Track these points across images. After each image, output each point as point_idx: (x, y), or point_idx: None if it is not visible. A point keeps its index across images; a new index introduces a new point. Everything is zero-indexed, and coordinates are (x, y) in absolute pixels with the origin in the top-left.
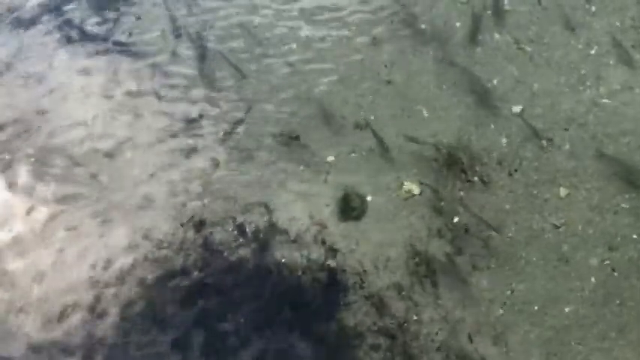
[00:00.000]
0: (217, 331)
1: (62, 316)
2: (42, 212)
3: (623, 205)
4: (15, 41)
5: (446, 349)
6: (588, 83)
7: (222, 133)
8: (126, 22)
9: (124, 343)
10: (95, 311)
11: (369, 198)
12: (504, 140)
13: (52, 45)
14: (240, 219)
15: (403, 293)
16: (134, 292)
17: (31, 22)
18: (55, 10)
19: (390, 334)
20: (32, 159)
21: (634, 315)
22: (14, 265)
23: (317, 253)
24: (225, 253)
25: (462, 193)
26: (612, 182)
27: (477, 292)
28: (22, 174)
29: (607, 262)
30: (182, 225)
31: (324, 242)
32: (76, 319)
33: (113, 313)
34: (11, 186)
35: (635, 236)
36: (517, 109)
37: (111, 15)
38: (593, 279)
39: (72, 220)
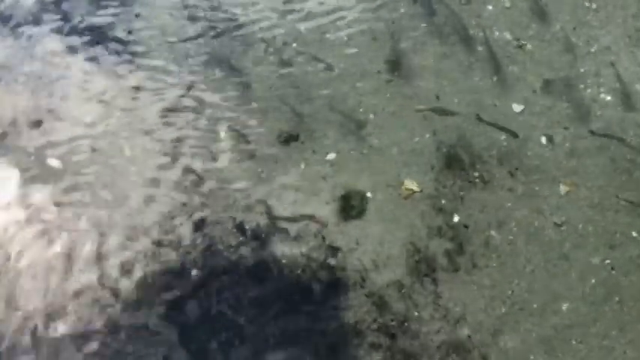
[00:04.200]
0: (217, 331)
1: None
2: (40, 212)
3: (624, 204)
4: (13, 40)
5: (446, 348)
6: (589, 81)
7: (221, 133)
8: (125, 20)
9: (121, 341)
10: (91, 310)
11: (369, 196)
12: (505, 138)
13: (52, 43)
14: (240, 217)
15: (403, 292)
16: (131, 292)
17: (31, 21)
18: (54, 8)
19: (391, 332)
20: (32, 157)
21: (634, 313)
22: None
23: (317, 252)
24: (225, 252)
25: (462, 192)
26: (613, 180)
27: (478, 291)
28: (22, 174)
29: (607, 260)
30: (181, 224)
31: (324, 240)
32: (70, 319)
33: (112, 312)
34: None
35: (635, 235)
36: (518, 107)
37: (110, 12)
38: (593, 277)
39: (70, 219)
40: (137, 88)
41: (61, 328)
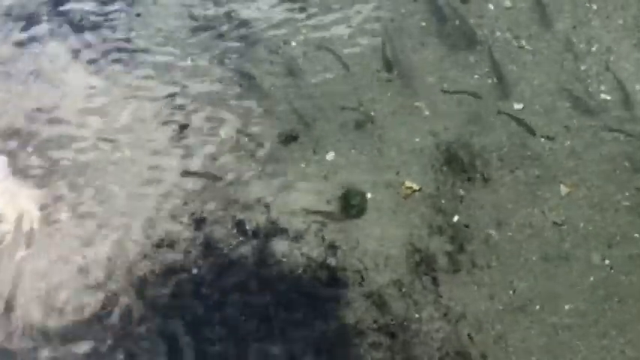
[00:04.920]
0: (217, 330)
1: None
2: (39, 211)
3: (624, 203)
4: (14, 39)
5: (446, 347)
6: (589, 80)
7: (222, 132)
8: (125, 19)
9: (123, 340)
10: (93, 310)
11: (369, 195)
12: (505, 138)
13: (51, 42)
14: (240, 217)
15: (404, 291)
16: (133, 291)
17: (30, 19)
18: (55, 7)
19: (391, 332)
20: (32, 156)
21: (634, 313)
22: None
23: (317, 251)
24: (226, 251)
25: (462, 191)
26: (613, 180)
27: (478, 290)
28: (21, 172)
29: (607, 260)
30: (182, 223)
31: (324, 240)
32: (71, 319)
33: (112, 311)
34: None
35: (635, 234)
36: (518, 106)
37: (111, 12)
38: (593, 277)
39: (70, 218)
40: (137, 87)
41: (55, 321)
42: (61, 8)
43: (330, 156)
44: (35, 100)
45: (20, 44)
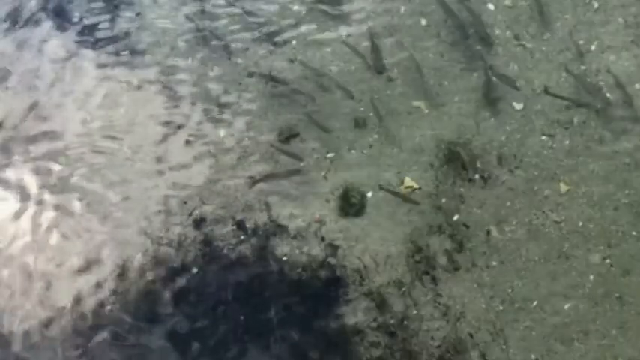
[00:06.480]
0: (217, 328)
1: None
2: (41, 212)
3: (623, 202)
4: (14, 39)
5: (446, 346)
6: (589, 79)
7: (221, 131)
8: (126, 18)
9: (124, 338)
10: (95, 307)
11: (369, 194)
12: (505, 137)
13: (53, 42)
14: (240, 216)
15: (403, 289)
16: (134, 288)
17: (32, 20)
18: (55, 7)
19: (390, 330)
20: (32, 155)
21: (633, 311)
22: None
23: (317, 250)
24: (225, 250)
25: (462, 190)
26: (612, 178)
27: (478, 289)
28: (22, 173)
29: (607, 258)
30: (182, 222)
31: (324, 239)
32: (73, 313)
33: (112, 309)
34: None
35: (634, 233)
36: (518, 106)
37: (111, 11)
38: (592, 276)
39: (70, 219)
40: (137, 87)
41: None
42: (62, 8)
43: (330, 155)
44: (35, 101)
45: (20, 44)
